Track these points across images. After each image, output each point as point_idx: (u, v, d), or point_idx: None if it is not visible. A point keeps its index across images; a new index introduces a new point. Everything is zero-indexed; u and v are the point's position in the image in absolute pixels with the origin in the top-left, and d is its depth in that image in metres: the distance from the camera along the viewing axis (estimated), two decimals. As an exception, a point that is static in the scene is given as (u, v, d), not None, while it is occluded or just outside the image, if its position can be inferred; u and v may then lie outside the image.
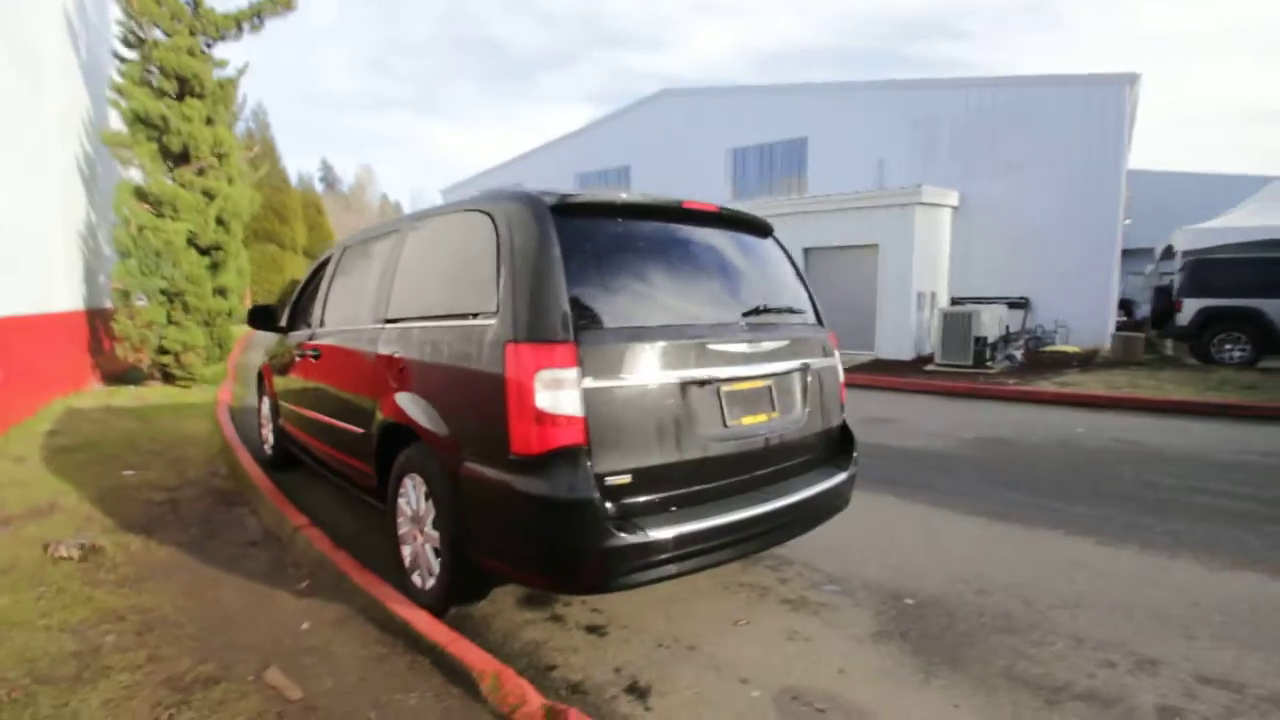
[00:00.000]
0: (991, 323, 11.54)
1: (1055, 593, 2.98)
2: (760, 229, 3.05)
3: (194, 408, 7.37)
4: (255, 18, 8.25)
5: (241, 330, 12.37)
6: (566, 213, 2.38)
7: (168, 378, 8.41)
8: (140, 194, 7.80)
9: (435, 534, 2.60)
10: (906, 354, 12.93)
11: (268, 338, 5.25)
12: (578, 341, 2.15)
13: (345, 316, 3.57)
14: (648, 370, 2.26)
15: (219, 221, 8.41)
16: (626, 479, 2.19)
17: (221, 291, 8.65)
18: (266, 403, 5.12)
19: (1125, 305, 19.67)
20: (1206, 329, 10.69)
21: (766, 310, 2.78)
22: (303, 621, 2.59)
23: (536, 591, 2.91)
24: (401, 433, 2.79)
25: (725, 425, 2.43)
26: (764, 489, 2.56)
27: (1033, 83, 15.72)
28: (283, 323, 4.67)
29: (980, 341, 11.08)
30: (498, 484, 2.21)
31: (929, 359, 12.03)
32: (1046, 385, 9.12)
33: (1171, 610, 2.81)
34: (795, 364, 2.75)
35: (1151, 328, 12.54)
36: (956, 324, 11.16)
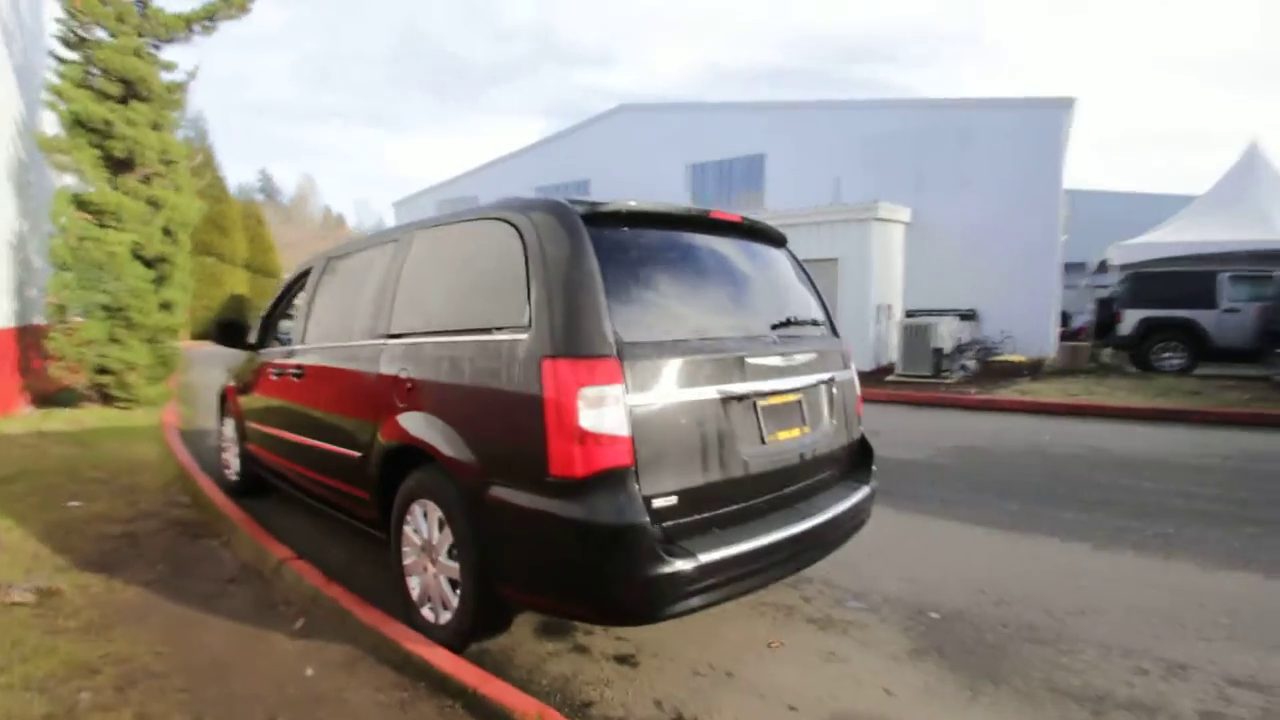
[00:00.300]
0: (947, 334, 11.92)
1: (1069, 600, 3.01)
2: (776, 239, 3.01)
3: (138, 431, 6.85)
4: (208, 19, 7.86)
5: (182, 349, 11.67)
6: (596, 222, 2.27)
7: (106, 399, 7.82)
8: (80, 202, 7.26)
9: (452, 564, 2.42)
10: (867, 365, 13.22)
11: (213, 356, 4.92)
12: (620, 356, 2.04)
13: (333, 332, 3.34)
14: (690, 385, 2.17)
15: (165, 232, 7.91)
16: (673, 500, 2.08)
17: (167, 306, 8.13)
18: (230, 425, 4.78)
19: (1062, 316, 20.71)
20: (1146, 339, 11.31)
21: (794, 322, 2.73)
22: (305, 666, 2.36)
23: (554, 620, 2.76)
24: (409, 456, 2.61)
25: (763, 442, 2.36)
26: (798, 507, 2.49)
27: (977, 105, 16.47)
28: (252, 339, 4.37)
29: (938, 352, 11.42)
30: (533, 510, 2.07)
31: (888, 370, 12.31)
32: (1007, 394, 9.43)
33: (1181, 613, 2.87)
34: (823, 377, 2.70)
35: (1095, 338, 13.20)
36: (916, 336, 11.47)
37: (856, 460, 2.99)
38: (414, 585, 2.66)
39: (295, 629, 2.65)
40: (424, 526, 2.56)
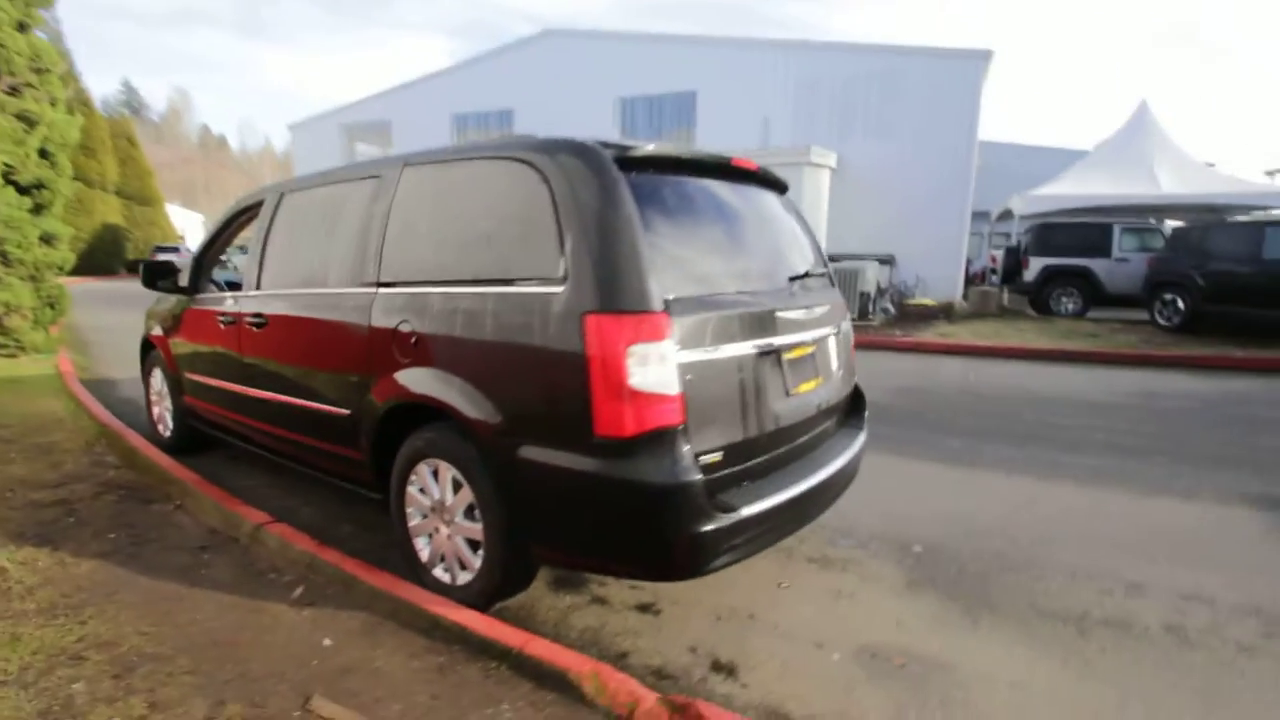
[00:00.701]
0: (873, 279, 12.45)
1: (1029, 530, 3.31)
2: (779, 187, 2.97)
3: (32, 382, 6.10)
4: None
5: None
6: (625, 166, 2.15)
7: (-18, 347, 6.87)
8: (-73, 114, 6.12)
9: (471, 525, 2.33)
10: (797, 308, 13.63)
11: (95, 294, 4.41)
12: (667, 312, 1.97)
13: (300, 277, 3.04)
14: (729, 341, 2.14)
15: (42, 154, 6.85)
16: (718, 456, 2.07)
17: (48, 239, 7.13)
18: (159, 376, 4.32)
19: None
20: (1046, 284, 12.27)
21: (810, 274, 2.72)
22: (320, 637, 2.24)
23: (568, 573, 2.74)
24: (415, 414, 2.46)
25: (788, 394, 2.38)
26: (814, 456, 2.55)
27: (901, 53, 16.74)
28: (183, 282, 3.91)
29: (864, 296, 11.94)
30: (575, 470, 2.01)
31: (819, 312, 12.74)
32: (929, 336, 10.04)
33: (1127, 538, 3.22)
34: (833, 328, 2.74)
35: (1002, 283, 14.18)
36: (846, 280, 11.89)
37: (851, 408, 3.09)
38: (422, 546, 2.55)
39: (294, 598, 2.50)
40: (434, 487, 2.45)
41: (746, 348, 2.19)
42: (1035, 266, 12.32)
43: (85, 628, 2.26)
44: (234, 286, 4.29)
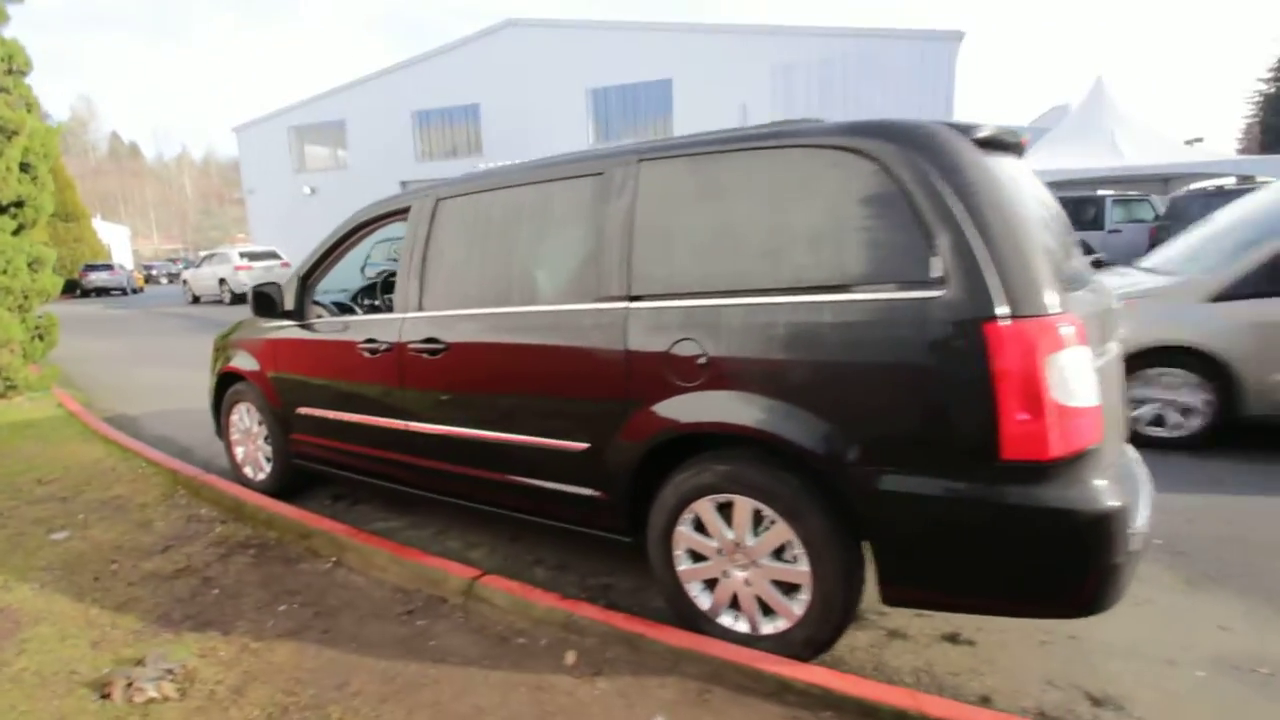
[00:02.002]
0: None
1: (1237, 510, 3.23)
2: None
3: (44, 425, 5.38)
4: None
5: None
6: (982, 149, 1.90)
7: (-34, 389, 6.03)
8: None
9: (785, 566, 2.04)
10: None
11: (66, 319, 3.83)
12: (1069, 310, 1.73)
13: (488, 296, 2.63)
14: (1103, 339, 1.92)
15: (23, 168, 6.02)
16: (1110, 474, 1.85)
17: (34, 264, 6.31)
18: (246, 413, 3.81)
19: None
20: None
21: (1103, 263, 2.52)
22: (646, 714, 1.91)
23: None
24: (683, 446, 2.15)
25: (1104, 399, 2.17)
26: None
27: (876, 35, 16.91)
28: (288, 305, 3.42)
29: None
30: (968, 500, 1.74)
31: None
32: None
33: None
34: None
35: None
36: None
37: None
38: (697, 593, 2.24)
39: (570, 666, 2.14)
40: (720, 526, 2.14)
41: (1113, 347, 1.97)
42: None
43: (355, 735, 1.86)
44: (343, 310, 3.83)
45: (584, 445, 2.38)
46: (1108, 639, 2.25)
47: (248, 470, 3.93)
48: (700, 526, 2.21)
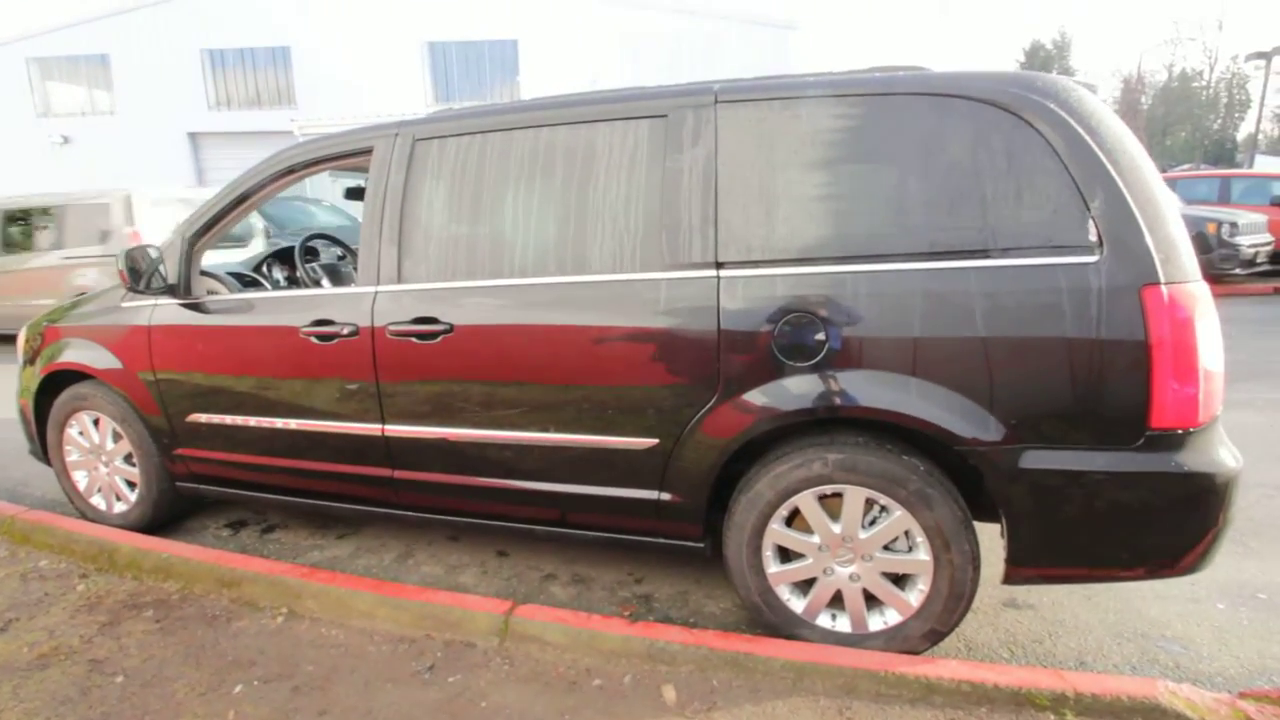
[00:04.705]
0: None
1: None
2: None
3: None
4: None
5: None
6: None
7: None
8: None
9: (901, 558, 1.89)
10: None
11: None
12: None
13: (506, 263, 2.12)
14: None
15: None
16: None
17: None
18: (93, 426, 2.84)
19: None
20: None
21: None
22: (795, 749, 1.64)
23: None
24: (786, 431, 1.90)
25: None
26: None
27: (723, 17, 17.37)
28: (169, 277, 2.55)
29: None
30: (1114, 472, 1.69)
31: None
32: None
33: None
34: None
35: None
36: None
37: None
38: (789, 594, 2.02)
39: (673, 704, 1.79)
40: (825, 520, 1.92)
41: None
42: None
43: None
44: (248, 283, 2.97)
45: (650, 442, 2.01)
46: (1133, 586, 2.41)
47: (97, 500, 2.94)
48: (794, 522, 1.97)
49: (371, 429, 2.31)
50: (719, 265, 1.90)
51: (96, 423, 2.84)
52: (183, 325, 2.55)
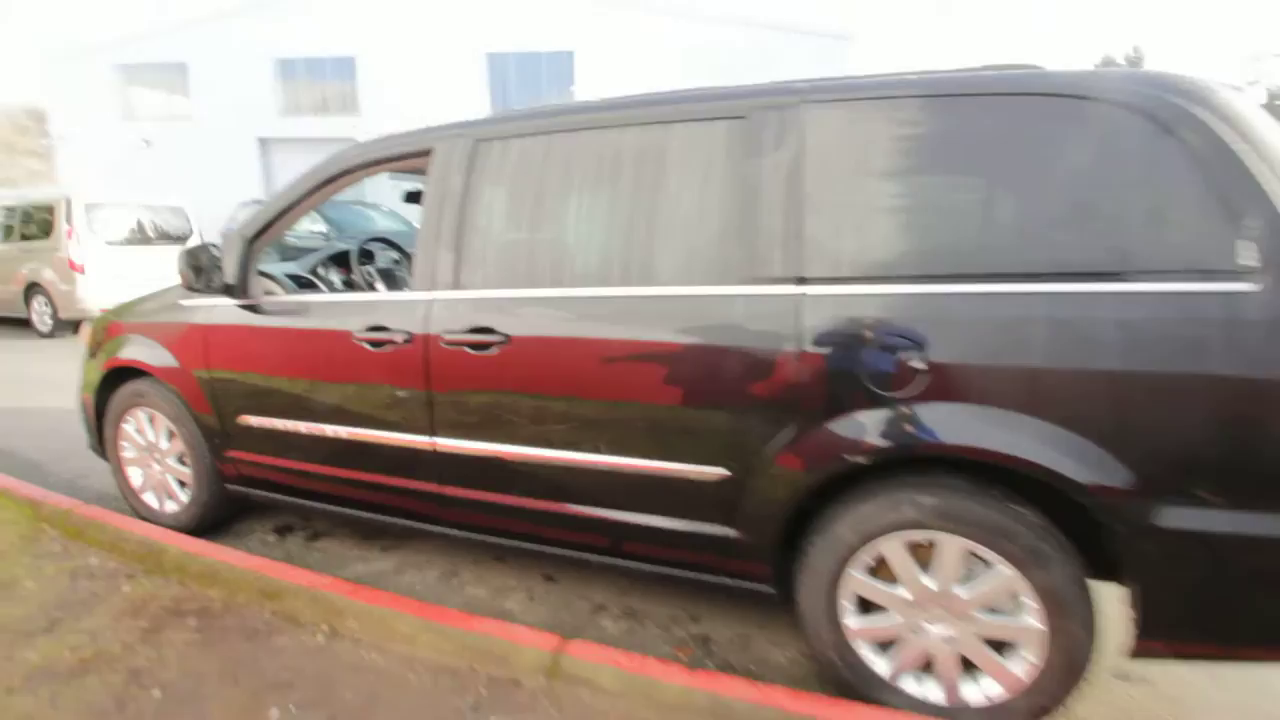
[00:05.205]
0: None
1: None
2: None
3: None
4: None
5: None
6: None
7: None
8: None
9: (1007, 620, 1.66)
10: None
11: None
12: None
13: (567, 272, 2.00)
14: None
15: None
16: None
17: None
18: (149, 422, 2.83)
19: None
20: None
21: None
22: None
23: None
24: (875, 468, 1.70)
25: None
26: None
27: (778, 27, 17.14)
28: (228, 277, 2.52)
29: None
30: (1269, 537, 1.44)
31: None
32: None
33: None
34: None
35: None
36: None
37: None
38: (869, 652, 1.80)
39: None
40: (914, 571, 1.71)
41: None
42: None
43: None
44: (304, 284, 2.94)
45: (716, 472, 1.84)
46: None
47: (149, 499, 2.93)
48: (878, 571, 1.77)
49: (421, 441, 2.20)
50: (802, 281, 1.73)
51: (152, 420, 2.83)
52: (237, 325, 2.51)
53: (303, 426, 2.42)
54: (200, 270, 2.47)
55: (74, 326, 7.80)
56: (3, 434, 4.13)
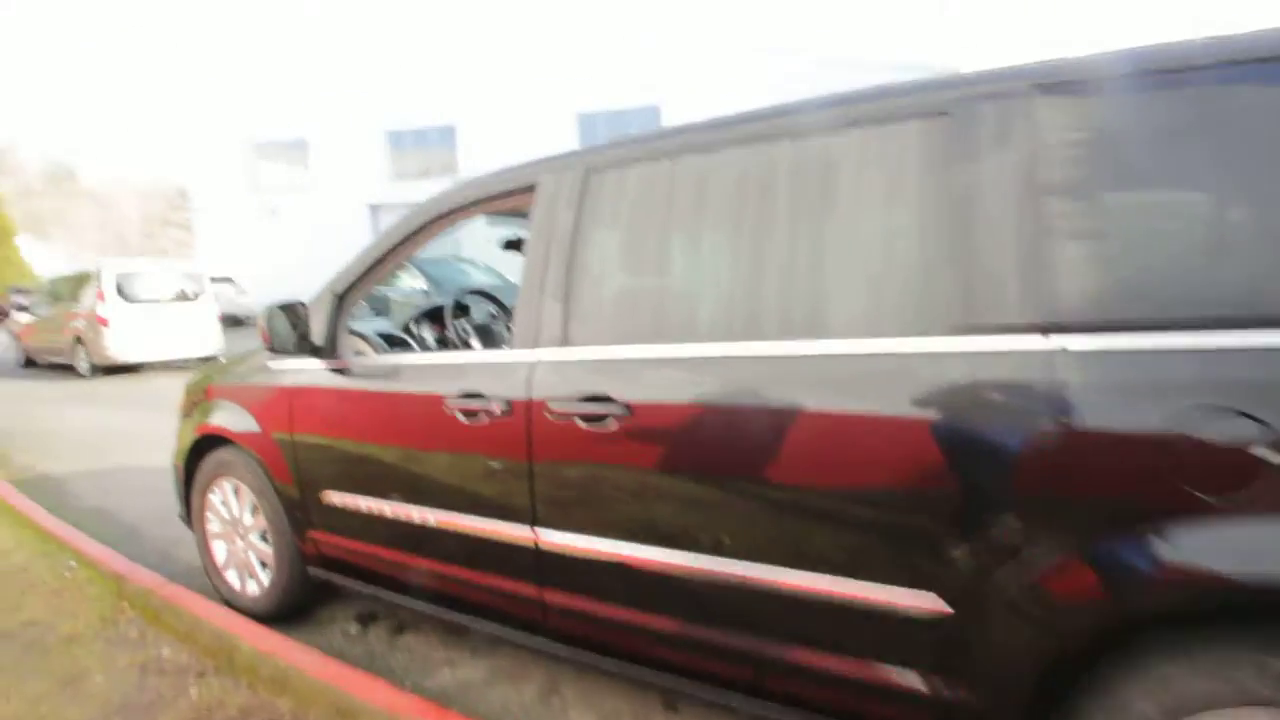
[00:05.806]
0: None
1: None
2: None
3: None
4: None
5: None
6: None
7: None
8: None
9: None
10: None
11: None
12: None
13: (718, 323, 1.57)
14: None
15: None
16: None
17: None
18: (234, 494, 2.60)
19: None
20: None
21: None
22: None
23: None
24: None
25: None
26: None
27: (873, 66, 16.61)
28: (316, 338, 2.27)
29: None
30: None
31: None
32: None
33: None
34: None
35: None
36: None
37: None
38: None
39: None
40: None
41: None
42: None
43: None
44: (393, 344, 2.69)
45: (921, 600, 1.30)
46: None
47: (231, 577, 2.69)
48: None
49: (521, 534, 1.80)
50: (1055, 330, 1.21)
51: (237, 492, 2.61)
52: (321, 388, 2.25)
53: (386, 506, 2.09)
54: (285, 330, 2.23)
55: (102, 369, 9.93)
56: (103, 492, 4.13)
